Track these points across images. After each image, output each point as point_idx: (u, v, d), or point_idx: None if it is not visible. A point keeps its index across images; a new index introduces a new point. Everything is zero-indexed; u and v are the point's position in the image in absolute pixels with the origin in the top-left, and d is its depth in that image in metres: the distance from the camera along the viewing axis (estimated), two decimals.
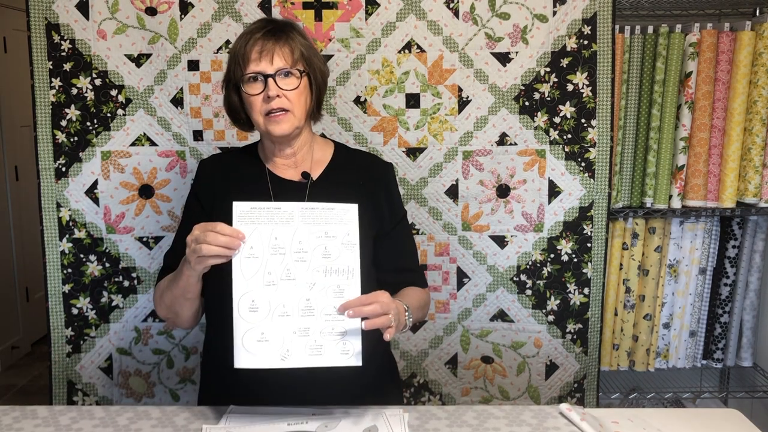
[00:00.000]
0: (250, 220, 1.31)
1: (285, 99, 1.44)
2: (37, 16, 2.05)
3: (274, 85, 1.42)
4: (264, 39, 1.44)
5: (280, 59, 1.43)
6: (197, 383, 2.20)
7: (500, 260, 2.15)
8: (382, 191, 1.58)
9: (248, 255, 1.29)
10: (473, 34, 2.06)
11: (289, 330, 1.30)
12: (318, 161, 1.57)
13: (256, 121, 1.47)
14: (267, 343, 1.29)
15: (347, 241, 1.33)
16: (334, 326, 1.30)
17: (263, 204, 1.32)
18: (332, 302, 1.31)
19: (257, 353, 1.29)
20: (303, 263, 1.31)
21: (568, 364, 2.19)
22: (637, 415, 1.44)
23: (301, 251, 1.31)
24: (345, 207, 1.34)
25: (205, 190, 1.57)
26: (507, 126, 2.09)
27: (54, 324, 2.15)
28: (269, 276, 1.30)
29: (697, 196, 2.36)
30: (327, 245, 1.32)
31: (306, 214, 1.32)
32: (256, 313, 1.29)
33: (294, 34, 1.47)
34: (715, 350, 2.55)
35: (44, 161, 2.10)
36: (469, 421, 1.40)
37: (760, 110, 2.30)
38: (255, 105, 1.45)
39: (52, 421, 1.41)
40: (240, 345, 1.29)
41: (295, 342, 1.30)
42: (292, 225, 1.31)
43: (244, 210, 1.31)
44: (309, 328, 1.29)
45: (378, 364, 1.58)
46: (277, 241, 1.30)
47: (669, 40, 2.28)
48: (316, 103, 1.53)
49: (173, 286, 1.44)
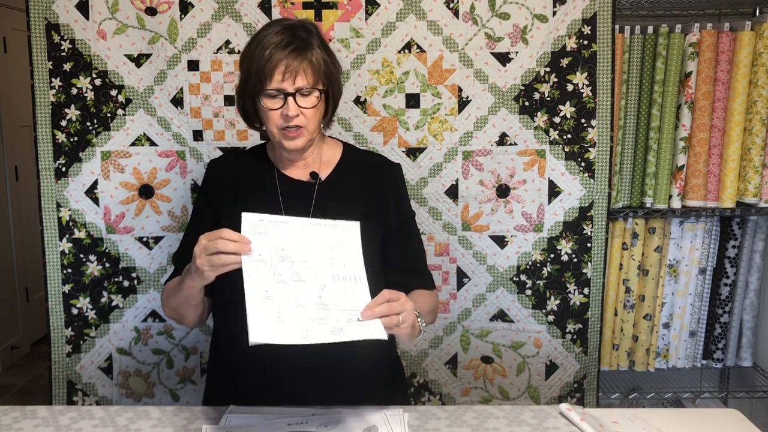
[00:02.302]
0: (258, 232, 1.31)
1: (302, 117, 1.43)
2: (37, 16, 2.05)
3: (294, 105, 1.41)
4: (288, 58, 1.40)
5: (303, 79, 1.41)
6: (197, 383, 2.20)
7: (500, 260, 2.15)
8: (390, 192, 1.58)
9: (257, 260, 1.29)
10: (473, 34, 2.06)
11: (306, 318, 1.25)
12: (327, 161, 1.57)
13: (271, 132, 1.47)
14: (284, 324, 1.23)
15: (351, 255, 1.34)
16: (351, 317, 1.27)
17: (271, 217, 1.33)
18: (344, 300, 1.29)
19: (275, 331, 1.22)
20: (310, 270, 1.31)
21: (568, 364, 2.19)
22: (637, 415, 1.44)
23: (308, 261, 1.31)
24: (348, 225, 1.36)
25: (214, 189, 1.57)
26: (507, 126, 2.09)
27: (54, 324, 2.15)
28: (279, 276, 1.29)
29: (697, 196, 2.36)
30: (332, 257, 1.32)
31: (311, 230, 1.34)
32: (271, 300, 1.25)
33: (316, 49, 1.44)
34: (715, 350, 2.55)
35: (44, 161, 2.10)
36: (469, 421, 1.40)
37: (760, 110, 2.30)
38: (272, 118, 1.44)
39: (52, 421, 1.41)
40: (255, 322, 1.21)
41: (314, 324, 1.25)
42: (297, 238, 1.32)
43: (253, 221, 1.32)
44: (326, 317, 1.26)
45: (384, 363, 1.58)
46: (284, 252, 1.31)
47: (669, 40, 2.28)
48: (331, 113, 1.53)
49: (177, 292, 1.44)
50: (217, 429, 1.36)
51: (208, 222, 1.54)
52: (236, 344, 1.34)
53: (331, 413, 1.40)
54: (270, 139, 1.56)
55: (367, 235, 1.52)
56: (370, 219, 1.53)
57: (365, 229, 1.38)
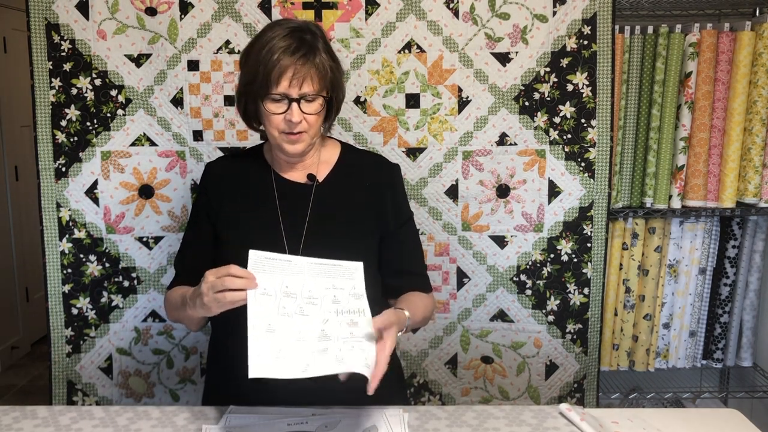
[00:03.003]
0: (263, 269, 1.31)
1: (305, 123, 1.43)
2: (37, 16, 2.05)
3: (297, 111, 1.40)
4: (296, 64, 1.39)
5: (308, 86, 1.40)
6: (197, 383, 2.20)
7: (500, 260, 2.15)
8: (388, 193, 1.57)
9: (262, 293, 1.29)
10: (473, 34, 2.06)
11: (308, 350, 1.25)
12: (325, 161, 1.56)
13: (271, 135, 1.46)
14: (285, 359, 1.24)
15: (354, 293, 1.34)
16: (353, 344, 1.27)
17: (276, 255, 1.34)
18: (347, 330, 1.29)
19: (275, 366, 1.23)
20: (314, 306, 1.31)
21: (568, 364, 2.19)
22: (637, 415, 1.44)
23: (312, 297, 1.32)
24: (351, 265, 1.37)
25: (212, 192, 1.57)
26: (507, 126, 2.09)
27: (54, 324, 2.15)
28: (284, 309, 1.29)
29: (697, 196, 2.36)
30: (336, 294, 1.33)
31: (314, 269, 1.35)
32: (273, 334, 1.26)
33: (322, 54, 1.43)
34: (715, 350, 2.55)
35: (44, 161, 2.10)
36: (469, 421, 1.40)
37: (760, 110, 2.30)
38: (273, 122, 1.43)
39: (52, 421, 1.41)
40: (256, 356, 1.23)
41: (314, 356, 1.25)
42: (301, 277, 1.33)
43: (258, 259, 1.33)
44: (327, 348, 1.26)
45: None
46: (288, 289, 1.31)
47: (669, 41, 2.28)
48: (332, 119, 1.53)
49: (180, 311, 1.46)
50: (217, 429, 1.36)
51: (204, 229, 1.55)
52: (235, 344, 1.34)
53: (331, 413, 1.40)
54: (268, 140, 1.56)
55: (364, 238, 1.51)
56: (367, 221, 1.53)
57: (363, 231, 1.38)
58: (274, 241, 1.47)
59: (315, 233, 1.48)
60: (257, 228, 1.51)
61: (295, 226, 1.49)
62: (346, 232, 1.51)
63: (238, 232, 1.51)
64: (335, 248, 1.40)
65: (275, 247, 1.45)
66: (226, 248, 1.49)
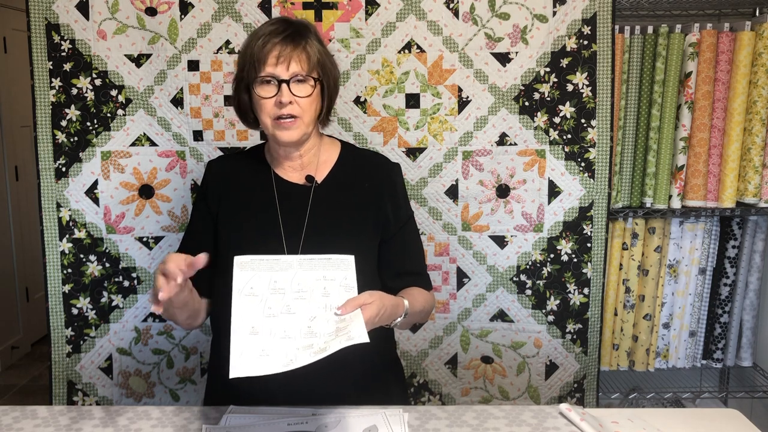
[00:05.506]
0: (251, 269, 1.31)
1: (296, 106, 1.42)
2: (37, 16, 2.05)
3: (287, 92, 1.41)
4: (282, 44, 1.41)
5: (297, 65, 1.41)
6: (197, 383, 2.20)
7: (500, 260, 2.15)
8: (388, 193, 1.56)
9: (248, 293, 1.29)
10: (473, 34, 2.06)
11: (293, 347, 1.25)
12: (324, 162, 1.56)
13: (265, 123, 1.46)
14: (268, 357, 1.24)
15: (345, 284, 1.33)
16: (340, 337, 1.25)
17: (263, 257, 1.35)
18: (334, 326, 1.27)
19: (257, 364, 1.22)
20: (303, 300, 1.30)
21: (567, 364, 2.19)
22: (637, 415, 1.44)
23: (301, 291, 1.31)
24: (342, 258, 1.36)
25: (212, 191, 1.56)
26: (507, 126, 2.09)
27: (54, 324, 2.15)
28: (269, 310, 1.29)
29: (696, 196, 2.36)
30: (326, 286, 1.32)
31: (304, 264, 1.35)
32: (256, 336, 1.25)
33: (311, 39, 1.45)
34: (714, 350, 2.55)
35: (44, 161, 2.10)
36: (469, 421, 1.40)
37: (760, 110, 2.30)
38: (265, 108, 1.43)
39: (52, 421, 1.41)
40: (237, 357, 1.22)
41: (299, 351, 1.24)
42: (290, 271, 1.33)
43: (244, 261, 1.33)
44: (312, 344, 1.25)
45: (384, 363, 1.58)
46: (277, 284, 1.31)
47: (669, 40, 2.28)
48: (326, 108, 1.52)
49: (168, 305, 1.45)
50: (217, 429, 1.36)
51: (204, 227, 1.55)
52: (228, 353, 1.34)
53: (331, 413, 1.40)
54: (268, 139, 1.56)
55: (364, 238, 1.51)
56: (366, 221, 1.52)
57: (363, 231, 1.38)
58: (274, 241, 1.47)
59: (314, 234, 1.48)
60: (256, 229, 1.51)
61: (294, 227, 1.49)
62: (346, 232, 1.51)
63: (238, 233, 1.51)
64: (334, 249, 1.40)
65: (275, 247, 1.45)
66: (226, 248, 1.49)
